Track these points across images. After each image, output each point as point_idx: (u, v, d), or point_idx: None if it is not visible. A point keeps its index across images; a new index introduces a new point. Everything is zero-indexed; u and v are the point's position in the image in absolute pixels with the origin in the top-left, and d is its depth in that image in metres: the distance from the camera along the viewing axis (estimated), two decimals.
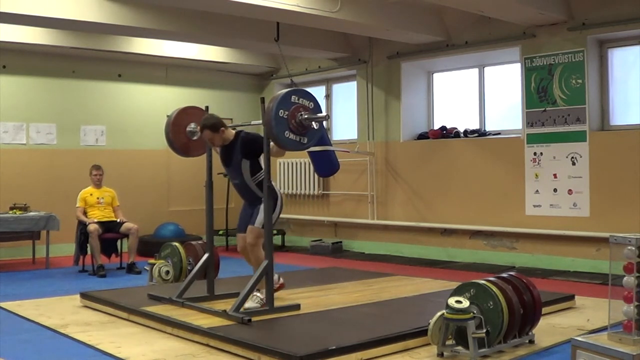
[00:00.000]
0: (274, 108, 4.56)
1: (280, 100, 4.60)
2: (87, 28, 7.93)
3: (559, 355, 4.17)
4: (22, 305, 5.79)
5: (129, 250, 8.11)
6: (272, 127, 4.57)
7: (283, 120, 4.58)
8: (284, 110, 4.59)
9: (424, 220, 9.26)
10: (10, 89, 9.27)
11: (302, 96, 4.69)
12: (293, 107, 4.62)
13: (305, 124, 4.65)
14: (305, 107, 4.67)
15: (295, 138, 4.66)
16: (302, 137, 4.69)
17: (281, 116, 4.57)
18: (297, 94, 4.69)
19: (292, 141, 4.66)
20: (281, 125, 4.58)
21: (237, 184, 5.16)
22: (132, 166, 10.19)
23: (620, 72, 7.79)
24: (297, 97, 4.66)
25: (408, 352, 4.15)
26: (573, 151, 7.77)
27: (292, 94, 4.67)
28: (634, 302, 3.61)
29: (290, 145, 4.70)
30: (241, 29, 8.53)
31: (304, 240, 10.67)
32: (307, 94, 4.77)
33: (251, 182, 5.07)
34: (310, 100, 4.72)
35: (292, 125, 4.62)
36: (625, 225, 6.94)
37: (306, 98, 4.71)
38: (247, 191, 5.13)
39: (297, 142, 4.68)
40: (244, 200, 5.27)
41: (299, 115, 4.63)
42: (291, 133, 4.63)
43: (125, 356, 4.15)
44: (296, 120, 4.62)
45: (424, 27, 8.60)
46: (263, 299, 4.98)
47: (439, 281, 6.66)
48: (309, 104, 4.70)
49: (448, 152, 9.04)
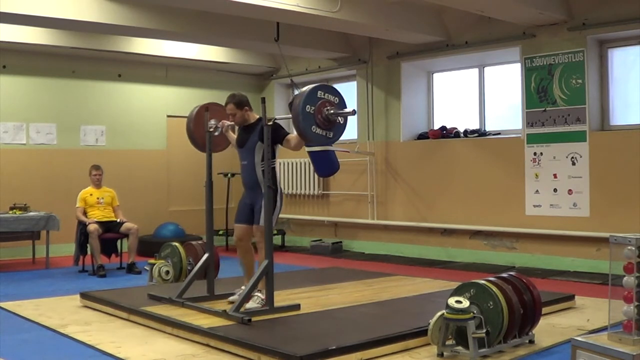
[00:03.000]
0: (300, 103, 4.65)
1: (307, 96, 4.68)
2: (87, 28, 7.93)
3: (559, 355, 4.17)
4: (22, 305, 5.79)
5: (129, 250, 8.11)
6: (299, 121, 4.66)
7: (310, 115, 4.67)
8: (311, 105, 4.68)
9: (424, 220, 9.26)
10: (10, 89, 9.28)
11: (327, 92, 4.79)
12: (319, 102, 4.71)
13: (332, 118, 4.75)
14: (331, 102, 4.76)
15: (322, 132, 4.75)
16: (329, 132, 4.78)
17: (308, 111, 4.66)
18: (323, 90, 4.77)
19: (318, 136, 4.75)
20: (308, 120, 4.67)
21: (245, 164, 5.21)
22: (132, 166, 10.19)
23: (620, 72, 7.79)
24: (323, 93, 4.75)
25: (408, 352, 4.15)
26: (573, 151, 7.77)
27: (319, 90, 4.75)
28: (634, 302, 3.61)
29: (316, 140, 4.84)
30: (241, 29, 8.53)
31: (304, 240, 10.67)
32: (333, 89, 4.85)
33: (259, 165, 5.10)
34: (335, 95, 4.80)
35: (319, 120, 4.71)
36: (625, 225, 6.94)
37: (332, 93, 4.79)
38: (252, 174, 5.15)
39: (324, 136, 4.78)
40: (245, 185, 5.27)
41: (325, 110, 4.72)
42: (318, 128, 4.72)
43: (125, 356, 4.15)
44: (322, 115, 4.71)
45: (424, 27, 8.60)
46: (264, 299, 4.99)
47: (439, 281, 6.66)
48: (335, 99, 4.79)
49: (448, 152, 9.05)
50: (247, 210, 5.22)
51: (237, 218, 5.31)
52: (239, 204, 5.34)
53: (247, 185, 5.24)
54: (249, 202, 5.22)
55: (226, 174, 10.33)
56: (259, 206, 5.07)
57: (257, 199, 5.11)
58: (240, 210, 5.29)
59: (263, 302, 4.99)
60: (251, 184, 5.19)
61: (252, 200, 5.19)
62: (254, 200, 5.16)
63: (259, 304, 4.99)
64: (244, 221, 5.23)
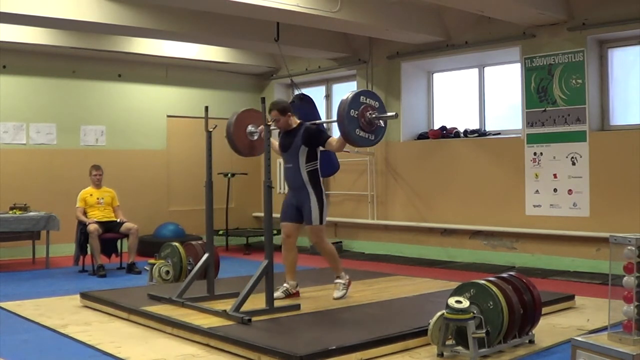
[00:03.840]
0: (346, 108, 4.95)
1: (351, 101, 4.98)
2: (87, 28, 7.93)
3: (559, 355, 4.17)
4: (22, 305, 5.79)
5: (129, 250, 8.10)
6: (344, 125, 4.97)
7: (354, 119, 4.99)
8: (355, 110, 4.99)
9: (424, 220, 9.26)
10: (10, 89, 9.28)
11: (369, 97, 5.11)
12: (362, 107, 5.02)
13: (374, 122, 5.06)
14: (373, 106, 5.08)
15: (365, 135, 5.07)
16: (371, 135, 5.10)
17: (352, 115, 4.97)
18: (365, 95, 5.10)
19: (362, 138, 5.07)
20: (353, 124, 4.98)
21: (289, 167, 5.49)
22: (132, 166, 10.18)
23: (620, 72, 7.79)
24: (365, 98, 5.07)
25: (408, 352, 4.15)
26: (573, 151, 7.77)
27: (361, 95, 5.07)
28: (634, 302, 3.61)
29: (360, 142, 5.13)
30: (241, 29, 8.54)
31: (304, 240, 10.65)
32: (373, 94, 5.19)
33: (304, 168, 5.41)
34: (376, 100, 5.13)
35: (362, 124, 5.02)
36: (625, 225, 6.94)
37: (372, 98, 5.12)
38: (297, 176, 5.43)
39: (367, 139, 5.10)
40: (290, 186, 5.54)
41: (368, 115, 5.02)
42: (361, 131, 5.03)
43: (125, 356, 4.15)
44: (365, 119, 5.02)
45: (424, 27, 8.60)
46: (345, 282, 5.59)
47: (439, 281, 6.65)
48: (375, 103, 5.10)
49: (448, 152, 9.05)
50: (293, 209, 5.51)
51: (283, 217, 5.58)
52: (284, 204, 5.60)
53: (292, 186, 5.52)
54: (295, 203, 5.49)
55: (226, 174, 10.33)
56: (308, 207, 5.39)
57: (304, 200, 5.42)
58: (286, 210, 5.56)
59: (347, 285, 5.58)
60: (296, 186, 5.46)
61: (297, 201, 5.47)
62: (300, 201, 5.45)
63: (344, 289, 5.56)
64: (292, 219, 5.53)
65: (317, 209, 5.38)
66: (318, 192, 5.41)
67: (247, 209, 11.32)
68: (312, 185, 5.40)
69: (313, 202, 5.37)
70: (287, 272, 5.59)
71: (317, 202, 5.38)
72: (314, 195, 5.39)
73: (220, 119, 6.02)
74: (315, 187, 5.40)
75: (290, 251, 5.57)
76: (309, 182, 5.39)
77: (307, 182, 5.39)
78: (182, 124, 10.64)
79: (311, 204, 5.36)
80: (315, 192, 5.39)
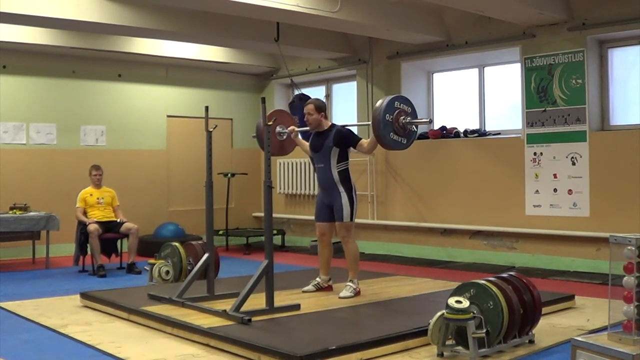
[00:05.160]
0: (381, 112, 5.18)
1: (387, 106, 5.21)
2: (87, 28, 7.93)
3: (559, 355, 4.17)
4: (22, 305, 5.79)
5: (129, 250, 8.10)
6: (379, 129, 5.20)
7: (389, 123, 5.23)
8: (389, 114, 5.22)
9: (424, 220, 9.26)
10: (10, 89, 9.27)
11: (403, 102, 5.34)
12: (396, 112, 5.26)
13: (407, 127, 5.31)
14: (406, 112, 5.32)
15: (398, 139, 5.31)
16: (403, 138, 5.35)
17: (387, 120, 5.21)
18: (399, 100, 5.33)
19: (395, 142, 5.31)
20: (387, 128, 5.23)
21: (321, 167, 5.72)
22: (132, 166, 10.18)
23: (620, 72, 7.79)
24: (399, 103, 5.30)
25: (408, 352, 4.15)
26: (573, 151, 7.77)
27: (395, 100, 5.29)
28: (634, 302, 3.61)
29: (393, 145, 5.35)
30: (241, 29, 8.54)
31: (304, 240, 10.66)
32: (407, 100, 5.40)
33: (335, 168, 5.65)
34: (409, 105, 5.35)
35: (396, 128, 5.26)
36: (625, 225, 6.95)
37: (406, 104, 5.35)
38: (328, 176, 5.66)
39: (400, 142, 5.34)
40: (321, 186, 5.77)
41: (401, 119, 5.26)
42: (395, 134, 5.28)
43: (125, 356, 4.15)
44: (399, 123, 5.26)
45: (424, 27, 8.60)
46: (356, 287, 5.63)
47: (439, 281, 6.65)
48: (408, 108, 5.34)
49: (448, 152, 9.05)
50: (325, 209, 5.73)
51: (318, 217, 5.82)
52: (317, 204, 5.85)
53: (323, 186, 5.74)
54: (327, 202, 5.70)
55: (226, 174, 10.33)
56: (339, 204, 5.60)
57: (335, 199, 5.63)
58: (320, 210, 5.80)
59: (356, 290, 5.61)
60: (327, 185, 5.68)
61: (329, 200, 5.68)
62: (332, 200, 5.66)
63: (352, 292, 5.58)
64: (325, 219, 5.75)
65: (348, 206, 5.60)
66: (349, 191, 5.62)
67: (247, 209, 11.32)
68: (343, 184, 5.62)
69: (344, 200, 5.59)
70: (320, 267, 5.87)
71: (348, 200, 5.60)
72: (345, 193, 5.60)
73: (220, 119, 6.02)
74: (346, 185, 5.63)
75: (324, 248, 5.84)
76: (340, 181, 5.62)
77: (338, 182, 5.62)
78: (182, 124, 10.63)
79: (342, 201, 5.59)
80: (346, 191, 5.61)
